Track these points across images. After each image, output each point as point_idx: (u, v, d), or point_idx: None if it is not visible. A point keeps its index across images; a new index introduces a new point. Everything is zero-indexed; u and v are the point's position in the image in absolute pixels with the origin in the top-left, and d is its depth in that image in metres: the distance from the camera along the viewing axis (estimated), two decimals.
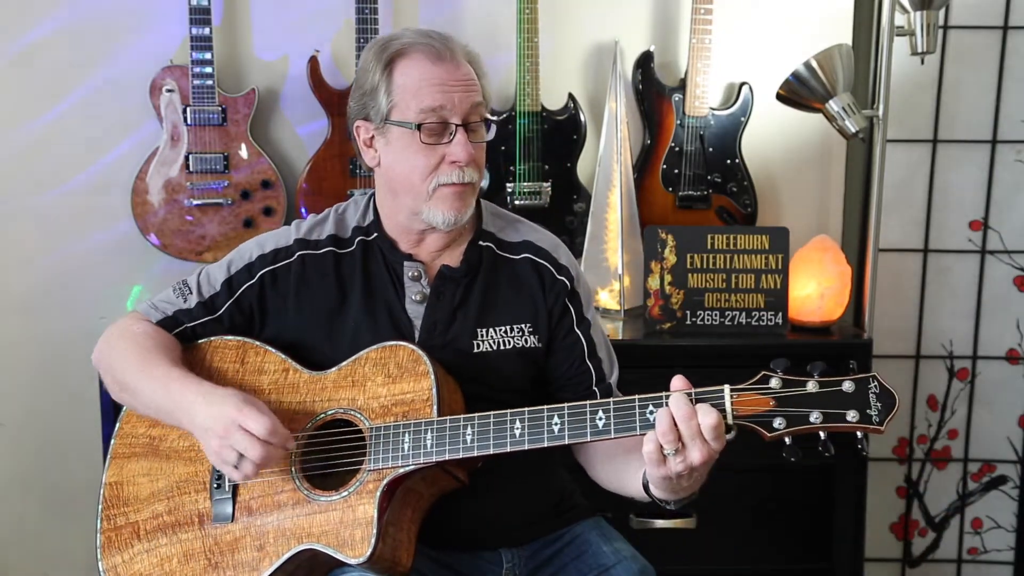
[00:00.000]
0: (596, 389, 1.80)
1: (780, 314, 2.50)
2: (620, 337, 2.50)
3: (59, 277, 2.75)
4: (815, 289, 2.53)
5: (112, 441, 1.75)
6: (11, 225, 2.74)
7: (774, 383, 1.45)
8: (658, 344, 2.48)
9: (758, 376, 1.47)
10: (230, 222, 2.64)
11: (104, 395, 2.33)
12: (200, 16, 2.55)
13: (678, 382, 1.50)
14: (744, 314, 2.50)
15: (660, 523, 2.43)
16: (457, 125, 1.66)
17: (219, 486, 1.65)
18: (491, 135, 1.74)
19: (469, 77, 1.68)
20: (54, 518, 2.84)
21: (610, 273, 2.66)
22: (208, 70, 2.57)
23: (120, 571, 1.67)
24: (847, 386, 1.43)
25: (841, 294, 2.56)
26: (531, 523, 1.79)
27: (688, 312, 2.50)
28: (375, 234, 1.77)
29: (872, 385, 1.43)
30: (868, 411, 1.42)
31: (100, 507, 1.71)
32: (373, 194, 1.81)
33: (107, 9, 2.66)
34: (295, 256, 1.75)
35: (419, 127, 1.65)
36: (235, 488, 1.65)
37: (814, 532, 2.53)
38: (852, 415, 1.42)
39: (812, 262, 2.56)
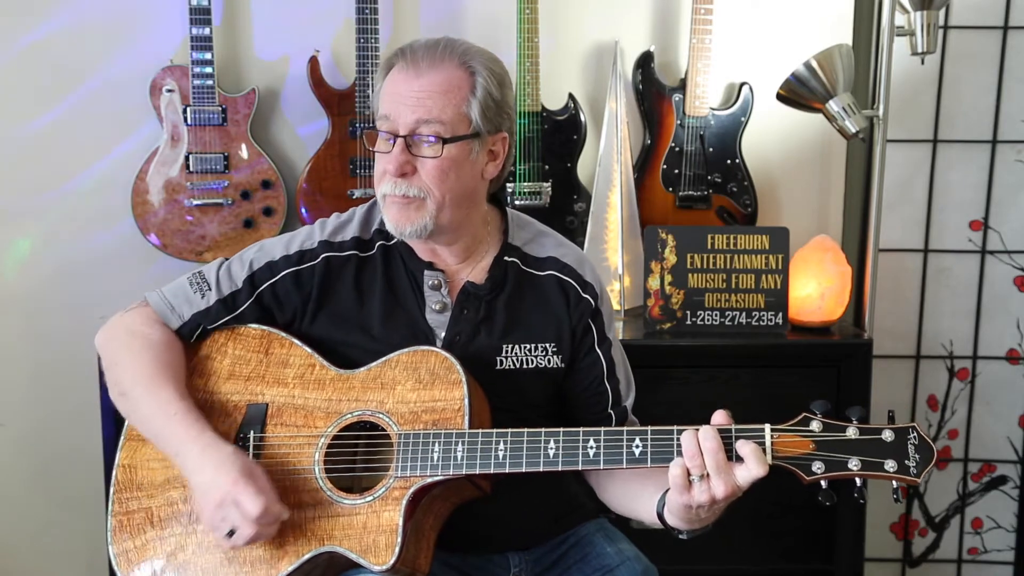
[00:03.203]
0: (611, 412, 1.79)
1: (780, 314, 2.50)
2: (620, 337, 2.48)
3: (59, 277, 2.75)
4: (815, 289, 2.53)
5: (127, 423, 1.72)
6: (12, 225, 2.74)
7: (815, 426, 1.46)
8: (658, 344, 2.48)
9: (799, 418, 1.47)
10: (230, 222, 2.64)
11: (105, 394, 2.32)
12: (200, 16, 2.55)
13: (720, 417, 1.50)
14: (744, 314, 2.50)
15: None
16: (398, 136, 1.63)
17: None
18: (443, 154, 1.63)
19: (425, 90, 1.62)
20: (56, 517, 2.83)
21: (610, 273, 2.66)
22: (208, 70, 2.57)
23: (132, 557, 1.64)
24: (887, 435, 1.45)
25: (841, 294, 2.56)
26: (538, 527, 1.78)
27: (688, 312, 2.50)
28: (395, 239, 1.75)
29: (912, 436, 1.45)
30: (906, 462, 1.44)
31: (112, 490, 1.69)
32: None
33: (107, 9, 2.66)
34: (320, 259, 1.73)
35: (364, 132, 1.65)
36: None
37: (814, 532, 2.52)
38: (891, 465, 1.44)
39: (812, 262, 2.56)
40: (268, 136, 2.73)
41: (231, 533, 1.55)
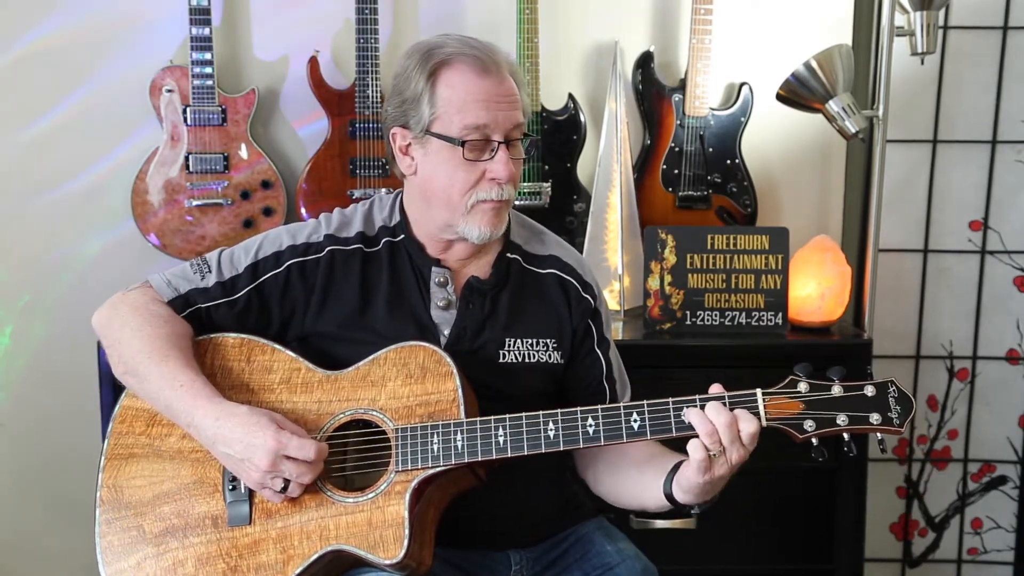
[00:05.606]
0: None
1: (780, 314, 2.50)
2: (620, 337, 2.50)
3: (59, 277, 2.75)
4: (815, 289, 2.53)
5: (106, 442, 1.69)
6: (12, 225, 2.74)
7: (802, 387, 1.54)
8: (658, 344, 2.48)
9: (786, 380, 1.55)
10: (230, 222, 2.64)
11: (105, 396, 2.33)
12: (200, 16, 2.55)
13: (716, 388, 1.56)
14: (744, 314, 2.50)
15: (660, 523, 2.42)
16: (499, 142, 1.66)
17: (234, 488, 1.62)
18: (526, 152, 1.74)
19: (512, 93, 1.68)
20: (54, 519, 2.83)
21: (610, 273, 2.66)
22: (208, 70, 2.57)
23: None
24: (869, 390, 1.53)
25: (841, 294, 2.56)
26: (539, 524, 1.79)
27: (688, 312, 2.50)
28: (402, 235, 1.77)
29: (891, 390, 1.53)
30: (889, 414, 1.52)
31: (98, 512, 1.66)
32: (399, 194, 1.81)
33: (107, 9, 2.66)
34: (325, 251, 1.74)
35: (463, 144, 1.64)
36: (251, 490, 1.62)
37: (814, 532, 2.53)
38: (875, 418, 1.52)
39: (812, 262, 2.56)
40: (268, 136, 2.73)
41: (284, 488, 1.56)
